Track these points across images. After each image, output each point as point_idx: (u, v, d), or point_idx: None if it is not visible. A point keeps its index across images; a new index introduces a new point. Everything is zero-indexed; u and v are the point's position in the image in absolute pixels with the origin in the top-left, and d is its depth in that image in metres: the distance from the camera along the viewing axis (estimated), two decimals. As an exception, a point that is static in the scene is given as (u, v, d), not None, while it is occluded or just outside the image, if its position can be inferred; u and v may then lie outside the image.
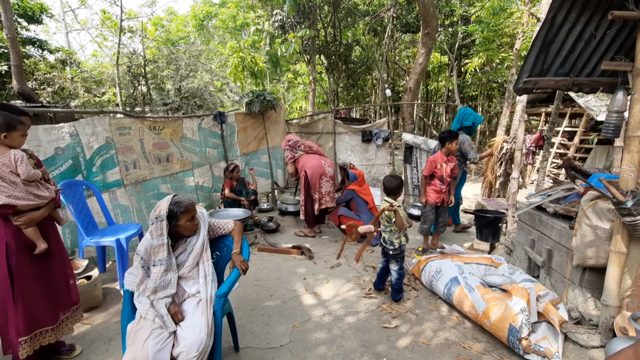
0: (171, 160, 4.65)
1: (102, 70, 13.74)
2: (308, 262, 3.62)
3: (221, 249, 2.16)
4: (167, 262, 1.78)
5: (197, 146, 5.16)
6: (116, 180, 3.82)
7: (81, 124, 3.46)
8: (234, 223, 2.16)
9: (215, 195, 5.49)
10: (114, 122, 3.78)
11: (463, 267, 2.90)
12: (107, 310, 2.71)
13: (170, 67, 13.19)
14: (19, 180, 1.78)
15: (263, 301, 2.82)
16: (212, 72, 14.55)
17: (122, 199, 3.89)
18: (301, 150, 4.17)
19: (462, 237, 4.65)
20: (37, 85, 10.40)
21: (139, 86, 10.63)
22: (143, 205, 4.15)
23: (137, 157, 4.10)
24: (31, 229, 1.82)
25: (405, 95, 6.39)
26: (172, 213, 1.77)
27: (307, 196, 4.11)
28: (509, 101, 8.82)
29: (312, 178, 4.05)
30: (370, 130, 5.81)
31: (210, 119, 5.34)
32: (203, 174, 5.23)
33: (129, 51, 11.05)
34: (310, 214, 4.16)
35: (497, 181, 7.74)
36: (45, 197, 1.88)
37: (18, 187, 1.77)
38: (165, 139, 4.57)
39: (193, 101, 12.87)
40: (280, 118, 6.36)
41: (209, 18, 25.56)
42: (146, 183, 4.21)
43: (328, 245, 4.12)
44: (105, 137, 3.69)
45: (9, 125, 1.72)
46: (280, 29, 12.55)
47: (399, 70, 19.02)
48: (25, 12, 10.59)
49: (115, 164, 3.81)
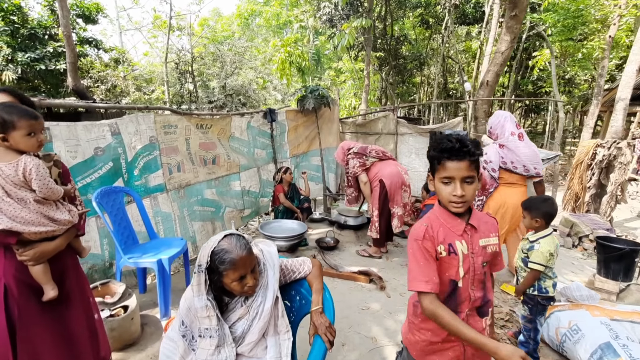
0: (217, 162, 4.17)
1: (152, 69, 14.00)
2: (379, 294, 2.92)
3: (292, 298, 1.54)
4: (218, 333, 1.18)
5: (245, 146, 4.65)
6: (158, 185, 3.38)
7: (124, 121, 3.04)
8: (312, 263, 1.52)
9: (262, 200, 4.98)
10: (159, 120, 3.33)
11: (614, 328, 2.04)
12: (145, 350, 2.21)
13: (215, 65, 13.09)
14: (31, 198, 1.27)
15: (334, 354, 2.17)
16: (256, 69, 14.30)
17: (164, 206, 3.44)
18: (372, 156, 3.47)
19: (565, 266, 3.71)
20: (91, 83, 10.67)
21: (185, 84, 10.53)
22: (185, 213, 3.69)
23: (182, 159, 3.65)
24: (40, 267, 1.31)
25: (480, 90, 5.46)
26: (213, 267, 1.19)
27: (382, 210, 3.40)
28: (598, 99, 7.47)
29: (391, 188, 3.35)
30: (441, 131, 4.98)
31: (260, 116, 4.82)
32: (250, 177, 4.72)
33: (177, 49, 11.00)
34: (384, 231, 3.45)
35: (586, 193, 6.52)
36: (63, 222, 1.36)
37: (28, 206, 1.27)
38: (212, 138, 4.09)
39: (237, 99, 12.67)
40: (335, 116, 5.72)
41: (253, 17, 25.70)
42: (190, 188, 3.75)
43: (400, 270, 3.39)
44: (149, 137, 3.25)
45: (4, 124, 1.21)
46: (329, 23, 11.93)
47: (451, 65, 17.65)
48: (83, 12, 10.90)
49: (159, 167, 3.37)
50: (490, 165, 2.90)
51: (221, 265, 1.17)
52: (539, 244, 1.92)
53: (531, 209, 1.96)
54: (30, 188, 1.26)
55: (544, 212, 1.92)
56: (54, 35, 9.96)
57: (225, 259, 1.16)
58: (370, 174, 3.46)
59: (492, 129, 2.99)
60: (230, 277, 1.18)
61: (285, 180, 4.28)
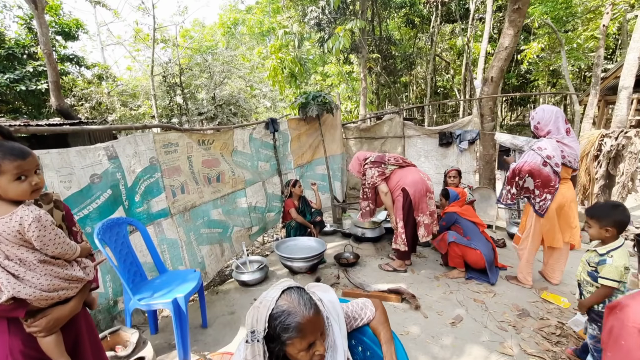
0: (222, 179, 3.89)
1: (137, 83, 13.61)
2: (415, 314, 2.68)
3: (353, 349, 1.29)
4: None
5: (249, 160, 4.39)
6: (162, 210, 3.08)
7: (121, 143, 2.75)
8: (374, 305, 1.28)
9: (269, 215, 4.70)
10: (159, 139, 3.05)
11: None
12: (165, 407, 1.92)
13: (202, 75, 12.79)
14: (33, 258, 1.00)
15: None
16: (245, 78, 14.03)
17: (169, 232, 3.15)
18: (391, 164, 3.25)
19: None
20: (75, 101, 10.26)
21: (175, 96, 10.19)
22: (192, 237, 3.40)
23: (185, 180, 3.36)
24: (52, 338, 1.03)
25: (485, 87, 5.32)
26: (273, 334, 0.94)
27: (407, 220, 3.17)
28: (596, 88, 7.44)
29: (416, 196, 3.12)
30: (451, 131, 4.80)
31: (262, 127, 4.56)
32: (256, 192, 4.45)
33: (164, 61, 10.67)
34: (410, 242, 3.22)
35: (594, 185, 6.43)
36: (79, 280, 1.10)
37: (32, 268, 1.00)
38: (215, 154, 3.82)
39: (228, 109, 12.38)
40: (337, 122, 5.49)
41: (235, 25, 25.52)
42: (195, 210, 3.47)
43: (429, 284, 3.16)
44: (149, 158, 2.96)
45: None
46: (317, 27, 11.77)
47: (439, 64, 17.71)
48: (62, 29, 10.50)
49: (161, 190, 3.08)
50: (553, 161, 2.74)
51: (285, 333, 0.91)
52: (611, 257, 1.71)
53: (600, 217, 1.75)
54: (33, 247, 0.99)
55: (616, 220, 1.71)
56: (33, 54, 9.55)
57: (289, 324, 0.91)
58: (390, 183, 3.23)
59: (542, 125, 2.83)
60: (297, 347, 0.92)
61: (295, 193, 4.03)
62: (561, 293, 2.95)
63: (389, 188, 3.21)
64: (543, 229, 2.92)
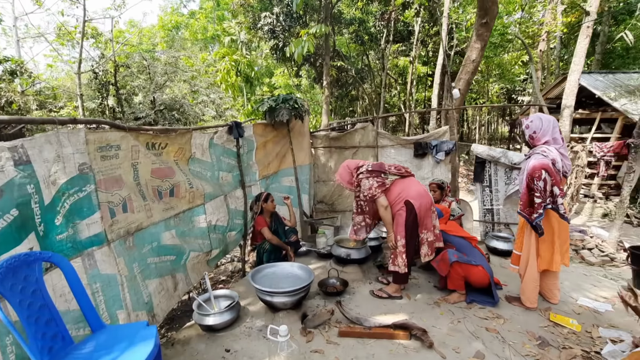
0: (177, 193, 3.13)
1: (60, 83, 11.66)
2: (430, 354, 2.25)
3: None
4: None
5: (209, 169, 3.67)
6: (95, 235, 2.26)
7: (36, 142, 1.92)
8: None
9: (230, 235, 3.98)
10: (94, 139, 2.26)
11: None
12: None
13: (141, 76, 11.42)
14: None
15: None
16: (190, 82, 12.89)
17: (105, 265, 2.32)
18: (393, 173, 2.83)
19: (579, 279, 3.52)
20: (-27, 98, 8.31)
21: (107, 97, 8.80)
22: (137, 270, 2.59)
23: (128, 194, 2.57)
24: None
25: (448, 100, 5.31)
26: None
27: (410, 238, 2.74)
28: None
29: (421, 211, 2.72)
30: (427, 142, 4.61)
31: (224, 131, 3.88)
32: (217, 208, 3.72)
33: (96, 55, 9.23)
34: (409, 264, 2.79)
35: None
36: None
37: None
38: (168, 161, 3.07)
39: (170, 114, 11.17)
40: (305, 130, 5.01)
41: (177, 29, 24.02)
42: (141, 233, 2.68)
43: (432, 313, 2.77)
44: (79, 165, 2.16)
45: None
46: (270, 34, 11.29)
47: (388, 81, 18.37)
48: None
49: (95, 208, 2.26)
50: (558, 165, 2.57)
51: None
52: None
53: None
54: None
55: None
56: None
57: None
58: (390, 195, 2.80)
59: (540, 135, 2.63)
60: None
61: (267, 209, 3.44)
62: (565, 313, 2.77)
63: (390, 201, 2.78)
64: (543, 245, 2.73)
